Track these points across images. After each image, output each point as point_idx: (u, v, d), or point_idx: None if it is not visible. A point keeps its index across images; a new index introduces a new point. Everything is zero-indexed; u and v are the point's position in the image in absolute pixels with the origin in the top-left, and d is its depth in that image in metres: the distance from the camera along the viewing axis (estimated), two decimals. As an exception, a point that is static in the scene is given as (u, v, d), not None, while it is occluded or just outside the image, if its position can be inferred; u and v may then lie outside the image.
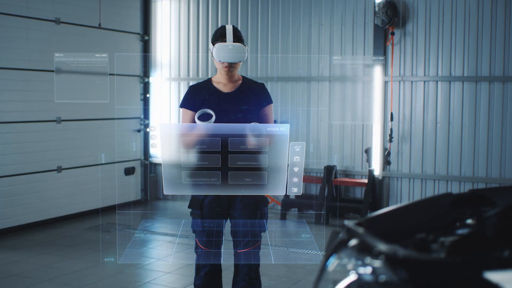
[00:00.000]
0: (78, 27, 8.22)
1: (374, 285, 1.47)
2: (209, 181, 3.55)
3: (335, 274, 1.64)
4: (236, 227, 3.96)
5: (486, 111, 7.66)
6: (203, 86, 4.08)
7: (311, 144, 8.37)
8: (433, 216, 2.10)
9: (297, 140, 3.44)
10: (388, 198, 8.22)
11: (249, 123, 3.61)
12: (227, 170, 3.62)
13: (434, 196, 2.27)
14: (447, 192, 2.62)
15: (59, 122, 8.02)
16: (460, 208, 2.23)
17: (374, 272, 1.49)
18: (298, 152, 3.37)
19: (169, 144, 3.38)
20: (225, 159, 3.60)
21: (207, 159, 3.58)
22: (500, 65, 7.56)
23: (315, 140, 8.42)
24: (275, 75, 8.75)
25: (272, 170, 3.53)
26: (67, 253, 6.58)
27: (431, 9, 7.90)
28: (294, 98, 8.59)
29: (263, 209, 3.93)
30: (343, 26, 8.40)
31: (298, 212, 8.44)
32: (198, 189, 3.65)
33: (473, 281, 1.43)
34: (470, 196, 2.32)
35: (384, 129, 8.16)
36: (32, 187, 7.72)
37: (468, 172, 7.76)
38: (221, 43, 3.84)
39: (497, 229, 1.76)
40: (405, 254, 1.49)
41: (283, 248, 4.63)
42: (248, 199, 3.89)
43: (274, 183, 3.57)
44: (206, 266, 4.03)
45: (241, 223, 3.89)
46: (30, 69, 7.66)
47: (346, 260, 1.63)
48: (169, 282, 5.70)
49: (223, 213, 3.95)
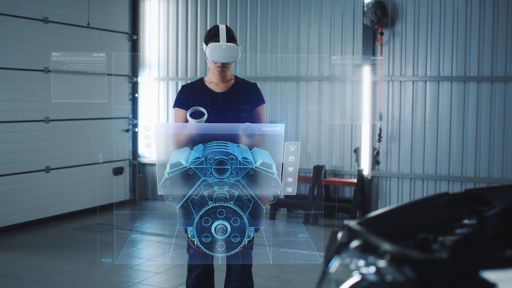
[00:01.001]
0: (66, 26, 8.18)
1: (379, 285, 1.47)
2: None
3: (337, 275, 1.64)
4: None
5: (475, 111, 7.71)
6: (195, 86, 4.07)
7: (308, 144, 8.38)
8: (431, 216, 2.12)
9: (286, 139, 3.43)
10: (377, 197, 8.25)
11: (242, 123, 3.59)
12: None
13: (431, 196, 2.28)
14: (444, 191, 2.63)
15: (47, 122, 7.98)
16: (456, 207, 2.25)
17: (379, 272, 1.49)
18: (293, 152, 3.37)
19: (164, 144, 3.37)
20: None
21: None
22: (488, 65, 7.61)
23: (304, 139, 8.43)
24: (264, 74, 8.75)
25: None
26: (57, 254, 6.54)
27: (419, 9, 7.94)
28: (283, 97, 8.60)
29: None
30: (332, 26, 8.42)
31: (288, 212, 8.45)
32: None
33: (479, 281, 1.44)
34: (466, 195, 2.34)
35: (373, 129, 8.19)
36: (20, 188, 7.67)
37: (456, 171, 7.81)
38: (214, 43, 3.83)
39: (498, 229, 1.77)
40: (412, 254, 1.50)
41: (282, 249, 4.63)
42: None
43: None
44: (199, 267, 4.02)
45: None
46: (18, 68, 7.61)
47: (349, 260, 1.64)
48: (160, 282, 5.68)
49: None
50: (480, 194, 2.32)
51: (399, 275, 1.41)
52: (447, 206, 2.22)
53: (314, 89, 8.47)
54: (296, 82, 8.55)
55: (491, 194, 2.33)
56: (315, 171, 8.11)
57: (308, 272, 5.90)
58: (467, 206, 2.26)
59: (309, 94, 8.51)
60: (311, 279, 5.73)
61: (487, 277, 1.46)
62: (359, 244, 1.63)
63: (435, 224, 2.05)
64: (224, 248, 3.15)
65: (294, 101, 8.58)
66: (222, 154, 3.11)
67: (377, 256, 1.51)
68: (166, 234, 7.33)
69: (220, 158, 3.09)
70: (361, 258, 1.58)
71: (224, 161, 3.10)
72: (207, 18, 9.15)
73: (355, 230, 1.72)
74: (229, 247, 3.16)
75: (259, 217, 3.16)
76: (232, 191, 3.12)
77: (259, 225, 3.18)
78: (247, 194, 3.13)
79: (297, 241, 3.69)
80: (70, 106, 8.23)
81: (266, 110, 4.13)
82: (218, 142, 3.36)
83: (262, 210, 3.14)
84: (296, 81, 8.55)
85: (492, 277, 1.46)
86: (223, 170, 3.10)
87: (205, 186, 3.12)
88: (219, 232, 3.08)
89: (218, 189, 3.12)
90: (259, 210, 3.14)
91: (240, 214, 3.09)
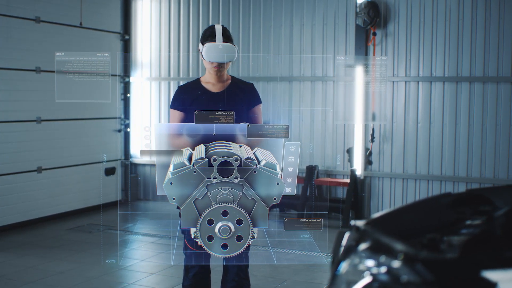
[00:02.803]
0: (58, 26, 8.13)
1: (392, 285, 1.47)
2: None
3: (348, 276, 1.64)
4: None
5: (467, 111, 7.74)
6: (191, 86, 4.07)
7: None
8: (435, 216, 2.12)
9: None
10: (369, 197, 8.27)
11: (239, 123, 3.59)
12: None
13: (434, 196, 2.29)
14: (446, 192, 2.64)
15: (39, 122, 7.93)
16: (459, 207, 2.26)
17: (391, 272, 1.49)
18: (293, 152, 3.37)
19: (163, 144, 3.36)
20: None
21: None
22: (480, 65, 7.64)
23: (297, 139, 8.43)
24: (257, 75, 8.74)
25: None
26: (51, 254, 6.50)
27: (412, 10, 7.96)
28: (275, 98, 8.60)
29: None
30: (325, 26, 8.43)
31: (280, 213, 8.44)
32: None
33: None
34: (468, 195, 2.35)
35: (365, 129, 8.20)
36: (12, 188, 7.62)
37: (449, 171, 7.84)
38: (211, 43, 3.82)
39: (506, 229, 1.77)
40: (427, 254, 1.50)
41: (287, 250, 4.64)
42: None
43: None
44: (195, 267, 4.01)
45: None
46: (9, 68, 7.57)
47: (358, 261, 1.63)
48: (154, 283, 5.67)
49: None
50: (482, 194, 2.33)
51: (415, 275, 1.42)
52: (450, 206, 2.23)
53: (307, 89, 8.47)
54: (289, 82, 8.55)
55: (493, 194, 2.34)
56: (307, 171, 8.12)
57: (303, 272, 5.91)
58: (470, 206, 2.27)
59: (301, 94, 8.51)
60: (305, 279, 5.73)
61: (496, 277, 1.47)
62: (370, 244, 1.63)
63: (440, 224, 2.06)
64: (228, 249, 3.14)
65: (286, 101, 8.58)
66: (226, 155, 3.10)
67: (389, 256, 1.51)
68: (159, 235, 7.31)
69: (224, 159, 3.08)
70: (371, 259, 1.58)
71: (228, 162, 3.09)
72: (200, 18, 9.13)
73: (366, 230, 1.72)
74: (232, 248, 3.15)
75: (263, 218, 3.15)
76: (236, 191, 3.12)
77: (263, 225, 3.17)
78: (251, 194, 3.12)
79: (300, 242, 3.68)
80: (62, 106, 8.19)
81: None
82: (220, 142, 3.35)
83: (266, 210, 3.14)
84: (288, 81, 8.55)
85: (503, 277, 1.46)
86: (227, 171, 3.09)
87: (209, 187, 3.11)
88: (223, 233, 3.07)
89: (222, 189, 3.11)
90: (263, 211, 3.13)
91: (244, 214, 3.08)
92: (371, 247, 1.62)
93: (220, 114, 3.43)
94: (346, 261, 1.68)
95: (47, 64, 7.90)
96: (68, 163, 8.40)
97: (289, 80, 8.56)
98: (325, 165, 8.46)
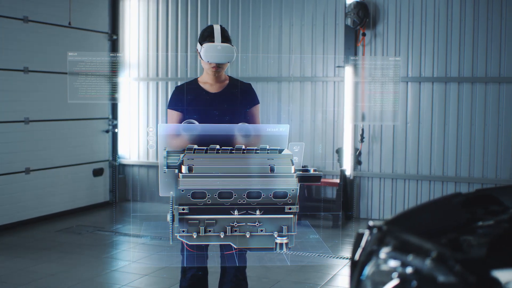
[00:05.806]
0: (46, 26, 8.05)
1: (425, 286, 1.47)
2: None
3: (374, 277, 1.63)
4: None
5: (456, 111, 7.79)
6: (189, 87, 4.04)
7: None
8: (449, 216, 2.13)
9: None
10: (359, 197, 8.29)
11: (240, 124, 3.58)
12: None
13: (445, 196, 2.30)
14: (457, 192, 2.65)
15: (27, 122, 7.85)
16: (470, 208, 2.27)
17: (423, 273, 1.48)
18: (297, 153, 3.37)
19: (167, 144, 3.33)
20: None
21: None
22: (469, 66, 7.70)
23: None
24: (245, 75, 8.73)
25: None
26: (40, 256, 6.43)
27: (401, 10, 8.00)
28: (264, 98, 8.58)
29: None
30: (314, 27, 8.43)
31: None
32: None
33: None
34: (478, 195, 2.36)
35: (355, 129, 8.22)
36: (0, 189, 7.53)
37: (437, 171, 7.89)
38: (209, 43, 3.80)
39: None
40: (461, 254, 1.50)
41: (296, 252, 4.64)
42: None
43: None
44: (193, 269, 3.99)
45: None
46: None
47: (383, 261, 1.63)
48: (147, 284, 5.63)
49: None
50: (492, 194, 2.35)
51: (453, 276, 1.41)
52: (461, 206, 2.24)
53: (296, 89, 8.48)
54: (278, 82, 8.55)
55: (502, 194, 2.36)
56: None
57: (296, 272, 5.91)
58: (480, 206, 2.28)
59: (291, 94, 8.51)
60: (299, 279, 5.73)
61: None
62: (395, 244, 1.62)
63: (454, 224, 2.06)
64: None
65: (275, 101, 8.58)
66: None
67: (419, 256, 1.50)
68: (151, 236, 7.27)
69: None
70: (398, 259, 1.57)
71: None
72: (188, 18, 9.09)
73: (390, 231, 1.71)
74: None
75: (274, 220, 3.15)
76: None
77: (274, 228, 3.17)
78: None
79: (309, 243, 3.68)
80: (50, 107, 8.11)
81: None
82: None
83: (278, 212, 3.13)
84: (277, 82, 8.55)
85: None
86: None
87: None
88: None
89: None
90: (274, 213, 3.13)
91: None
92: (397, 248, 1.62)
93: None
94: (370, 264, 1.67)
95: (35, 64, 7.82)
96: (57, 164, 8.32)
97: (278, 81, 8.56)
98: (315, 166, 8.45)
